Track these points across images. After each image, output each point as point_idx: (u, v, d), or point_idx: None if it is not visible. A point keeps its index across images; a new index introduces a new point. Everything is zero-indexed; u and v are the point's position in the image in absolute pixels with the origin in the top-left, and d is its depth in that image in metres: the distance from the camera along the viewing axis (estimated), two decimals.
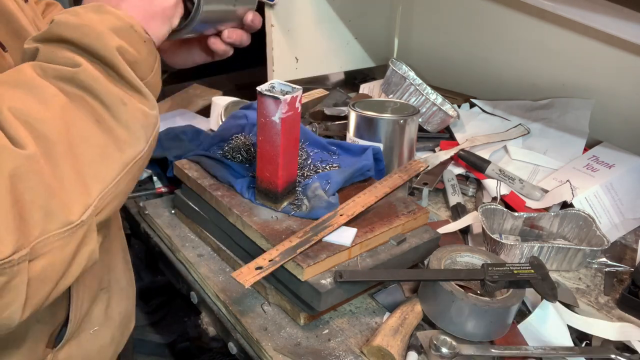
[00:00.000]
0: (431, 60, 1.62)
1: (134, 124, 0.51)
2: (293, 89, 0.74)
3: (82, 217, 0.47)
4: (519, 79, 1.42)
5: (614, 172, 1.08)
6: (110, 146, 0.50)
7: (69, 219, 0.46)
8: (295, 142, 0.79)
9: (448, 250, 0.80)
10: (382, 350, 0.68)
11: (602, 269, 0.92)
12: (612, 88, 1.25)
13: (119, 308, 0.76)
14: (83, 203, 0.47)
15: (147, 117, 0.53)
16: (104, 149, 0.49)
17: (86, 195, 0.47)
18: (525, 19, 1.36)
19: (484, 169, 1.11)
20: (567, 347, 0.72)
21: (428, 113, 1.25)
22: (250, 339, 0.75)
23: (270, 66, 1.42)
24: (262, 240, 0.77)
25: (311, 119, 1.33)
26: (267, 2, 1.33)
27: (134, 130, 0.51)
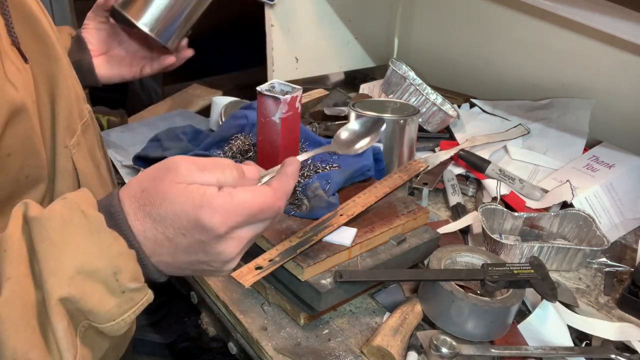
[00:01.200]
0: (431, 60, 1.62)
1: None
2: (293, 89, 0.75)
3: None
4: (519, 79, 1.42)
5: (614, 172, 1.08)
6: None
7: None
8: (295, 142, 0.79)
9: (448, 250, 0.80)
10: (382, 350, 0.68)
11: (602, 269, 0.92)
12: (612, 88, 1.25)
13: None
14: None
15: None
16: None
17: None
18: (526, 19, 1.36)
19: (484, 169, 1.11)
20: (567, 347, 0.72)
21: (428, 113, 1.25)
22: (250, 339, 0.75)
23: (270, 66, 1.42)
24: (262, 240, 0.77)
25: (311, 119, 1.33)
26: (267, 2, 1.33)
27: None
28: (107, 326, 0.47)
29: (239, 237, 0.49)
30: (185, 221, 0.46)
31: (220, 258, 0.49)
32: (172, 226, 0.47)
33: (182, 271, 0.51)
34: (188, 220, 0.46)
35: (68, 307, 0.44)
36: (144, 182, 0.48)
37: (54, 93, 0.60)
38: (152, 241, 0.47)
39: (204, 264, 0.50)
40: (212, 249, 0.48)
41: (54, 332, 0.43)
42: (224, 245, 0.48)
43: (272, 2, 1.33)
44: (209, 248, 0.48)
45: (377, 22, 1.66)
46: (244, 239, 0.49)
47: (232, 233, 0.48)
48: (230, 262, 0.50)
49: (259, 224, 0.50)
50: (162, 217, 0.47)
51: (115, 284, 0.45)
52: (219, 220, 0.46)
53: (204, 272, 0.52)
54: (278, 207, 0.51)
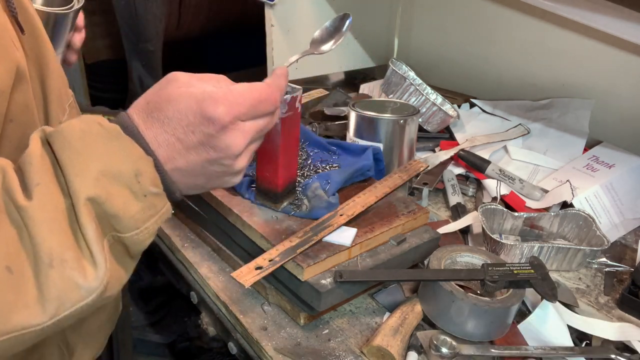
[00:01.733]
0: (431, 60, 1.62)
1: (49, 292, 0.42)
2: (293, 89, 0.74)
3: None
4: (519, 79, 1.42)
5: (614, 172, 1.08)
6: (5, 297, 0.41)
7: None
8: (295, 142, 0.79)
9: (448, 250, 0.80)
10: (382, 350, 0.68)
11: (602, 269, 0.92)
12: (612, 88, 1.25)
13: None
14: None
15: (72, 290, 0.43)
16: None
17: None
18: (525, 19, 1.36)
19: (484, 169, 1.11)
20: (567, 347, 0.72)
21: (428, 113, 1.25)
22: (250, 339, 0.75)
23: (270, 66, 1.42)
24: (262, 240, 0.77)
25: (311, 119, 1.32)
26: (267, 2, 1.33)
27: (45, 298, 0.42)
28: (131, 235, 0.48)
29: (243, 130, 0.51)
30: (191, 117, 0.49)
31: (229, 152, 0.51)
32: (179, 125, 0.49)
33: (195, 180, 0.52)
34: (194, 115, 0.49)
35: (96, 210, 0.45)
36: (147, 96, 0.51)
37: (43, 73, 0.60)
38: (164, 146, 0.49)
39: (215, 163, 0.51)
40: (220, 142, 0.50)
41: (85, 234, 0.44)
42: (230, 136, 0.50)
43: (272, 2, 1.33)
44: (217, 141, 0.50)
45: (377, 22, 1.66)
46: (248, 132, 0.52)
47: (236, 124, 0.51)
48: (239, 159, 0.53)
49: (259, 120, 0.53)
50: (169, 118, 0.49)
51: (137, 186, 0.47)
52: (223, 109, 0.49)
53: (217, 178, 0.53)
54: (275, 99, 0.55)
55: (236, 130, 0.51)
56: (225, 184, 0.55)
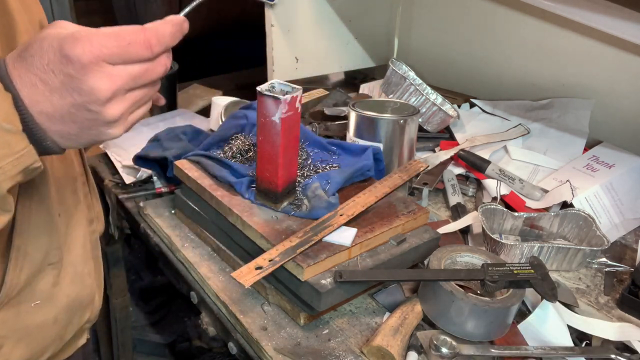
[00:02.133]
0: (431, 60, 1.62)
1: None
2: (293, 89, 0.74)
3: None
4: (519, 79, 1.42)
5: (614, 172, 1.08)
6: None
7: None
8: (295, 142, 0.79)
9: (448, 250, 0.80)
10: (382, 350, 0.68)
11: (602, 269, 0.92)
12: (612, 88, 1.25)
13: (68, 290, 0.70)
14: None
15: None
16: None
17: None
18: (525, 19, 1.36)
19: (484, 169, 1.11)
20: (567, 347, 0.72)
21: (428, 113, 1.25)
22: (250, 339, 0.75)
23: (270, 66, 1.42)
24: (262, 240, 0.77)
25: (311, 119, 1.32)
26: (267, 2, 1.33)
27: None
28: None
29: (110, 73, 0.46)
30: (51, 55, 0.45)
31: (94, 96, 0.46)
32: (41, 63, 0.46)
33: (66, 127, 0.48)
34: (54, 53, 0.45)
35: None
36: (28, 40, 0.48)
37: (12, 46, 0.57)
38: (28, 86, 0.46)
39: (81, 108, 0.47)
40: (83, 85, 0.46)
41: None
42: (92, 78, 0.46)
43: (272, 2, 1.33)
44: (79, 83, 0.46)
45: (377, 22, 1.66)
46: (117, 76, 0.47)
47: (100, 65, 0.46)
48: (109, 106, 0.48)
49: (134, 65, 0.48)
50: (32, 56, 0.46)
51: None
52: (83, 48, 0.45)
53: (89, 127, 0.49)
54: (149, 43, 0.48)
55: (100, 72, 0.46)
56: (102, 135, 0.50)
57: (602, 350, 0.73)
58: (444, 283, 0.72)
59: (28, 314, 0.66)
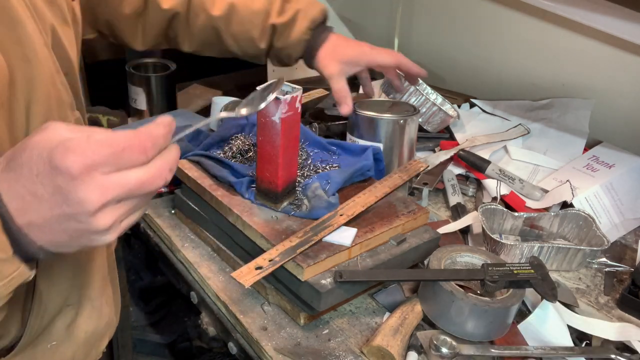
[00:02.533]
0: (431, 60, 1.62)
1: None
2: (293, 89, 0.74)
3: None
4: (519, 79, 1.42)
5: (614, 172, 1.08)
6: None
7: None
8: (295, 142, 0.79)
9: (448, 250, 0.80)
10: (382, 350, 0.69)
11: (602, 269, 0.92)
12: (612, 88, 1.25)
13: (86, 326, 0.70)
14: None
15: None
16: None
17: None
18: (525, 19, 1.36)
19: (484, 169, 1.11)
20: (567, 347, 0.72)
21: (428, 113, 1.25)
22: (250, 339, 0.75)
23: (270, 66, 1.42)
24: (262, 240, 0.77)
25: (311, 119, 1.32)
26: None
27: None
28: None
29: (101, 184, 0.43)
30: (41, 166, 0.43)
31: (83, 208, 0.44)
32: (30, 174, 0.44)
33: (56, 237, 0.47)
34: (44, 164, 0.43)
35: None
36: (17, 144, 0.46)
37: (30, 97, 0.57)
38: (16, 198, 0.45)
39: (71, 219, 0.45)
40: (72, 195, 0.43)
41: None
42: (83, 190, 0.43)
43: None
44: (68, 194, 0.43)
45: (377, 22, 1.66)
46: (109, 187, 0.44)
47: (90, 176, 0.43)
48: (98, 217, 0.45)
49: (128, 172, 0.45)
50: (20, 166, 0.44)
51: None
52: (73, 158, 0.42)
53: (79, 236, 0.46)
54: (144, 146, 0.45)
55: (90, 183, 0.43)
56: (93, 242, 0.47)
57: (602, 350, 0.73)
58: (444, 283, 0.72)
59: (44, 356, 0.66)
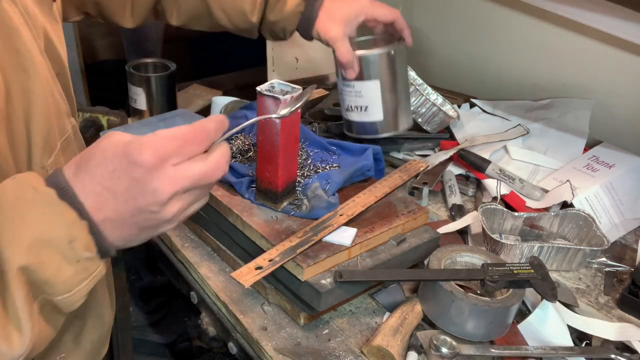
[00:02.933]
0: (431, 60, 1.62)
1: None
2: (293, 89, 0.74)
3: None
4: (519, 79, 1.42)
5: (614, 172, 1.08)
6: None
7: None
8: (295, 142, 0.79)
9: (448, 250, 0.80)
10: (382, 350, 0.68)
11: (602, 269, 0.92)
12: (612, 88, 1.25)
13: (91, 336, 0.72)
14: None
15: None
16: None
17: None
18: (525, 19, 1.36)
19: (484, 168, 1.11)
20: (567, 347, 0.72)
21: (428, 113, 1.25)
22: (250, 339, 0.75)
23: (270, 66, 1.42)
24: (262, 240, 0.77)
25: (311, 119, 1.32)
26: None
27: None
28: (63, 298, 0.48)
29: (172, 175, 0.48)
30: (117, 162, 0.47)
31: (157, 198, 0.48)
32: (106, 171, 0.48)
33: (127, 231, 0.50)
34: (120, 161, 0.47)
35: (27, 277, 0.45)
36: (82, 152, 0.50)
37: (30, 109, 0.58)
38: (92, 195, 0.48)
39: (143, 211, 0.49)
40: (147, 187, 0.48)
41: (14, 302, 0.45)
42: (157, 180, 0.48)
43: None
44: (145, 185, 0.48)
45: None
46: (178, 179, 0.49)
47: (163, 167, 0.48)
48: (167, 207, 0.49)
49: (190, 164, 0.50)
50: (96, 166, 0.48)
51: (71, 252, 0.47)
52: (148, 152, 0.47)
53: (148, 228, 0.51)
54: (200, 138, 0.50)
55: (163, 174, 0.48)
56: (157, 231, 0.52)
57: (602, 350, 0.73)
58: (444, 283, 0.72)
59: None
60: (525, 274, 0.72)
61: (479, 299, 0.71)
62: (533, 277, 0.72)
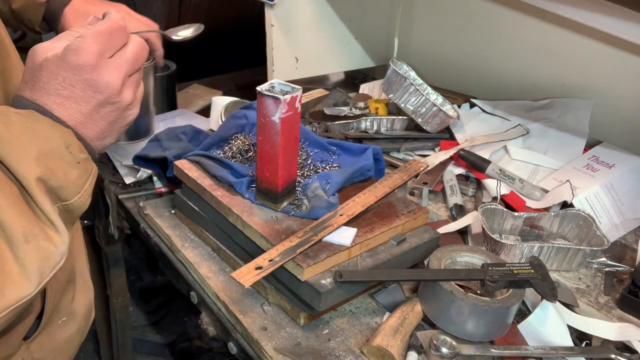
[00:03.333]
0: (431, 60, 1.62)
1: (31, 264, 0.48)
2: (293, 89, 0.74)
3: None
4: (519, 79, 1.42)
5: (614, 172, 1.08)
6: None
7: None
8: (295, 142, 0.79)
9: (448, 250, 0.80)
10: (382, 350, 0.68)
11: (602, 269, 0.92)
12: (612, 88, 1.25)
13: (82, 300, 0.76)
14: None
15: (49, 258, 0.50)
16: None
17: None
18: (525, 19, 1.36)
19: (484, 168, 1.11)
20: (567, 347, 0.72)
21: (428, 113, 1.25)
22: (250, 339, 0.75)
23: (270, 66, 1.42)
24: (262, 240, 0.77)
25: (311, 119, 1.32)
26: (267, 2, 1.33)
27: (28, 271, 0.48)
28: (75, 200, 0.54)
29: (114, 65, 0.55)
30: (64, 73, 0.53)
31: (112, 88, 0.54)
32: (58, 84, 0.53)
33: (99, 127, 0.56)
34: (65, 70, 0.53)
35: (44, 186, 0.50)
36: (23, 77, 0.55)
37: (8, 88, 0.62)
38: (56, 106, 0.53)
39: (106, 104, 0.55)
40: (100, 82, 0.54)
41: (43, 210, 0.50)
42: (106, 74, 0.54)
43: (272, 2, 1.33)
44: (96, 82, 0.53)
45: (377, 22, 1.66)
46: (120, 66, 0.55)
47: (103, 61, 0.54)
48: (124, 92, 0.56)
49: (122, 51, 0.56)
50: (46, 82, 0.53)
51: (71, 157, 0.52)
52: (85, 53, 0.53)
53: (115, 118, 0.57)
54: (123, 27, 0.57)
55: (106, 66, 0.54)
56: (127, 119, 0.58)
57: (602, 350, 0.73)
58: (444, 283, 0.72)
59: (57, 332, 0.70)
60: (525, 274, 0.72)
61: (479, 299, 0.71)
62: (533, 277, 0.72)
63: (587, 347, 0.74)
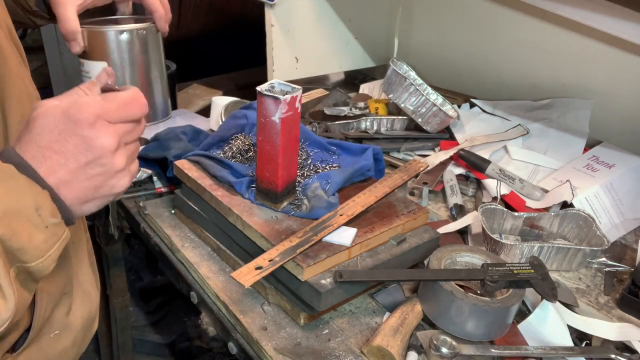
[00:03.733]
0: (431, 60, 1.62)
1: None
2: (293, 89, 0.74)
3: None
4: (519, 79, 1.42)
5: (614, 172, 1.08)
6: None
7: None
8: (295, 142, 0.79)
9: (448, 250, 0.80)
10: (382, 350, 0.68)
11: (602, 269, 0.92)
12: (612, 88, 1.25)
13: (80, 312, 0.74)
14: None
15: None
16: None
17: None
18: (525, 19, 1.36)
19: (484, 168, 1.11)
20: (567, 347, 0.72)
21: (428, 113, 1.25)
22: (250, 339, 0.75)
23: (270, 66, 1.42)
24: (262, 240, 0.77)
25: (311, 119, 1.33)
26: (267, 2, 1.33)
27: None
28: (36, 264, 0.51)
29: (112, 129, 0.53)
30: (61, 125, 0.51)
31: (105, 149, 0.52)
32: (51, 136, 0.51)
33: (82, 189, 0.53)
34: (64, 123, 0.51)
35: (2, 247, 0.47)
36: (20, 129, 0.53)
37: (4, 94, 0.60)
38: (42, 160, 0.51)
39: (95, 165, 0.53)
40: (94, 142, 0.52)
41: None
42: (102, 135, 0.52)
43: (272, 2, 1.33)
44: (91, 141, 0.52)
45: (377, 22, 1.66)
46: (117, 131, 0.53)
47: (103, 123, 0.52)
48: (116, 157, 0.54)
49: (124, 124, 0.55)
50: (39, 134, 0.51)
51: (39, 219, 0.50)
52: (88, 110, 0.52)
53: (102, 183, 0.54)
54: (142, 103, 0.56)
55: (105, 128, 0.52)
56: (114, 187, 0.56)
57: (602, 350, 0.73)
58: (444, 283, 0.72)
59: (49, 346, 0.68)
60: (525, 274, 0.72)
61: (479, 299, 0.71)
62: (533, 277, 0.72)
63: (587, 347, 0.74)
